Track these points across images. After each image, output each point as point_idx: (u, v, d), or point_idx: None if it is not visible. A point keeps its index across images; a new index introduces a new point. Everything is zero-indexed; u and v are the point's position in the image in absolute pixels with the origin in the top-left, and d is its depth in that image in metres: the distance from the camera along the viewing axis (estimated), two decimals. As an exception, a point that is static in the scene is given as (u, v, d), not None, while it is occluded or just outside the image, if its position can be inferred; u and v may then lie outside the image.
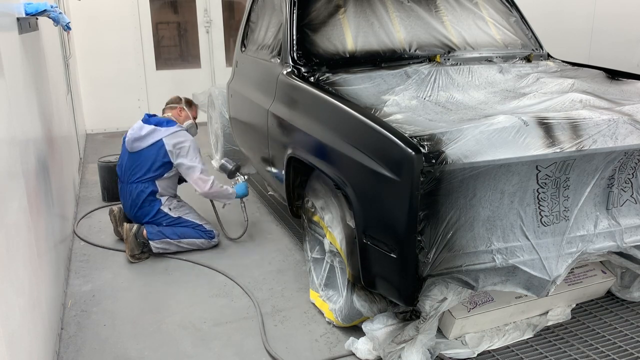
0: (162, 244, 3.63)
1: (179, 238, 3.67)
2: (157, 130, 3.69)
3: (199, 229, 3.74)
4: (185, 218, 3.75)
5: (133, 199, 3.70)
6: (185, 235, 3.68)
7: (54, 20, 3.00)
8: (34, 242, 2.32)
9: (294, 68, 3.15)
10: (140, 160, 3.69)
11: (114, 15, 6.84)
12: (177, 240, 3.66)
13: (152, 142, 3.66)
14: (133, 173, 3.70)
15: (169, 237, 3.64)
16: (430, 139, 2.10)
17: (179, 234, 3.68)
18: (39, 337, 2.23)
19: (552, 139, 2.18)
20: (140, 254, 3.63)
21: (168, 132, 3.69)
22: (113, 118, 7.12)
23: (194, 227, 3.73)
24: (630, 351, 2.58)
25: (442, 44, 3.37)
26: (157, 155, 3.66)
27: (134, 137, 3.70)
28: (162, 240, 3.63)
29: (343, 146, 2.44)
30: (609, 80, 3.14)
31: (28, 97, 2.70)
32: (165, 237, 3.63)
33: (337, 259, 2.79)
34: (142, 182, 3.67)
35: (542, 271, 2.27)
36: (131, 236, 3.58)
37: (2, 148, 1.89)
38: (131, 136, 3.71)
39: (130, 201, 3.72)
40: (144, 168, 3.67)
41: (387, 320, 2.52)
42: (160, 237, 3.63)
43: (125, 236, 3.59)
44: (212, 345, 2.73)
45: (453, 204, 2.11)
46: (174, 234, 3.66)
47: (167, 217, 3.72)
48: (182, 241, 3.67)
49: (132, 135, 3.71)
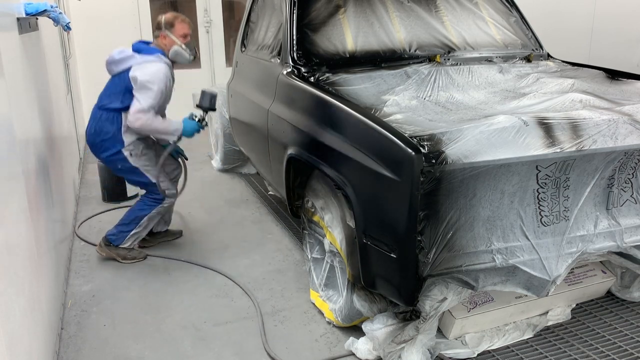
0: (130, 239, 3.54)
1: (139, 223, 3.51)
2: (133, 57, 3.32)
3: (150, 194, 3.51)
4: (142, 171, 3.45)
5: (96, 125, 3.37)
6: (140, 215, 3.50)
7: (54, 20, 3.00)
8: (34, 242, 2.32)
9: (294, 68, 3.15)
10: (111, 86, 3.39)
11: (114, 15, 6.84)
12: (138, 226, 3.51)
13: (122, 68, 3.32)
14: (103, 97, 3.40)
15: (130, 229, 3.50)
16: (430, 139, 2.10)
17: (134, 218, 3.51)
18: (39, 337, 2.23)
19: (552, 139, 2.18)
20: (129, 253, 3.56)
21: (139, 60, 3.31)
22: (113, 118, 7.11)
23: (146, 185, 3.49)
24: (630, 351, 2.58)
25: (442, 44, 3.37)
26: (124, 85, 3.29)
27: (110, 59, 3.37)
28: (128, 237, 3.52)
29: (343, 146, 2.44)
30: (609, 80, 3.14)
31: (28, 97, 2.70)
32: (127, 231, 3.51)
33: (337, 259, 2.79)
34: (108, 111, 3.34)
35: (542, 271, 2.27)
36: (106, 250, 3.56)
37: (2, 148, 1.89)
38: (109, 57, 3.38)
39: (94, 126, 3.39)
40: (112, 95, 3.35)
41: (387, 320, 2.52)
42: (123, 235, 3.52)
43: (104, 254, 3.56)
44: (212, 345, 2.73)
45: (453, 204, 2.11)
46: (131, 222, 3.51)
47: (124, 162, 3.41)
48: (143, 223, 3.52)
49: (110, 56, 3.38)
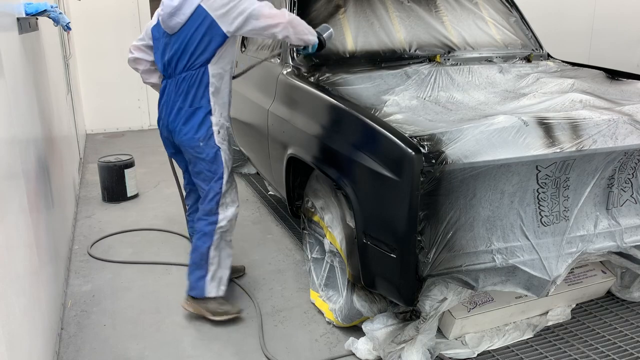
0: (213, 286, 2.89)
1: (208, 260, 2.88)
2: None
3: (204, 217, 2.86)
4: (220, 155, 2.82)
5: (183, 92, 2.76)
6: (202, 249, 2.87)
7: (54, 20, 3.00)
8: (34, 242, 2.32)
9: (294, 68, 3.15)
10: (183, 41, 2.72)
11: (114, 15, 6.84)
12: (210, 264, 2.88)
13: (189, 12, 2.67)
14: (179, 60, 2.75)
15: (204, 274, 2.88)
16: (430, 139, 2.10)
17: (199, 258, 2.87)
18: (39, 337, 2.23)
19: (552, 139, 2.18)
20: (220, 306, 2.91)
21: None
22: (113, 118, 7.12)
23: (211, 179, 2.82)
24: (630, 351, 2.58)
25: (442, 44, 3.37)
26: (201, 29, 2.68)
27: (168, 12, 2.72)
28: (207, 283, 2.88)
29: (343, 146, 2.44)
30: (609, 80, 3.14)
31: (28, 97, 2.70)
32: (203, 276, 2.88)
33: (337, 259, 2.79)
34: (192, 70, 2.74)
35: (542, 271, 2.27)
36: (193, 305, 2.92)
37: (2, 148, 1.89)
38: (165, 12, 2.74)
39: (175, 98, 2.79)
40: (189, 50, 2.71)
41: (387, 320, 2.52)
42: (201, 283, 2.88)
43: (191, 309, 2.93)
44: (212, 345, 2.73)
45: (453, 204, 2.11)
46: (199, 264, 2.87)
47: (210, 142, 2.79)
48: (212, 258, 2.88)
49: (165, 10, 2.74)
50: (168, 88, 2.84)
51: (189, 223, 3.29)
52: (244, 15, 2.65)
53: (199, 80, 2.73)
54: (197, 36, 2.68)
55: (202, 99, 2.76)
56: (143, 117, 7.26)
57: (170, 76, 2.82)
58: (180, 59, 2.74)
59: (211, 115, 2.78)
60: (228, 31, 2.67)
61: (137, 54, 2.98)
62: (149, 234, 4.03)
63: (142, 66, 3.01)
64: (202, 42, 2.69)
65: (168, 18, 2.72)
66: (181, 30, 2.72)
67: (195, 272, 2.90)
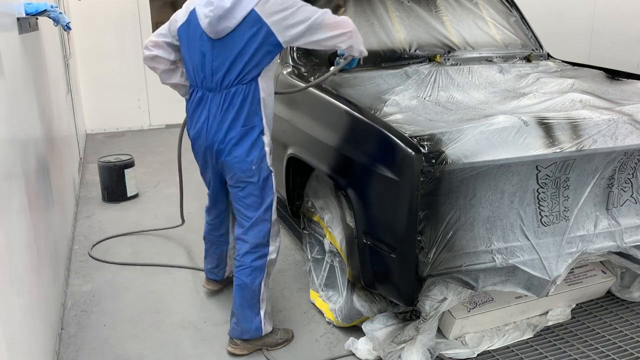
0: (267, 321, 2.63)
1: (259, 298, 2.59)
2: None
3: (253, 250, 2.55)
4: (271, 180, 2.54)
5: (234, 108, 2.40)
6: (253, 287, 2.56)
7: (54, 20, 3.00)
8: (34, 242, 2.32)
9: (294, 68, 3.15)
10: (233, 50, 2.35)
11: (114, 15, 6.84)
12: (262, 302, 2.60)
13: (241, 16, 2.31)
14: (228, 72, 2.38)
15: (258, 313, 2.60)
16: (430, 139, 2.10)
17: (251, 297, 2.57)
18: (39, 337, 2.23)
19: (552, 139, 2.18)
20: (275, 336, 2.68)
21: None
22: (113, 118, 7.12)
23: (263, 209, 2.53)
24: (630, 351, 2.58)
25: (442, 44, 3.37)
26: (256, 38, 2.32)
27: (218, 15, 2.31)
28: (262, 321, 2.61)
29: (343, 146, 2.44)
30: (609, 80, 3.14)
31: (28, 97, 2.70)
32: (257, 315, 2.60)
33: (337, 259, 2.79)
34: (243, 83, 2.39)
35: (542, 271, 2.27)
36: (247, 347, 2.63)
37: (2, 148, 1.89)
38: (215, 14, 2.32)
39: (223, 115, 2.42)
40: (241, 61, 2.35)
41: (387, 320, 2.52)
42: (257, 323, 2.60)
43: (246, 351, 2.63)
44: (212, 345, 2.73)
45: (453, 204, 2.11)
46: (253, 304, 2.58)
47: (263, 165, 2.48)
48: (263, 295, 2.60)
49: (215, 12, 2.31)
50: (209, 102, 2.46)
51: (212, 238, 2.98)
52: (305, 24, 2.32)
53: (252, 95, 2.39)
54: (251, 46, 2.32)
55: (255, 116, 2.42)
56: (143, 117, 7.26)
57: (213, 90, 2.43)
58: (230, 71, 2.36)
59: (263, 135, 2.46)
60: (284, 41, 2.35)
61: (156, 52, 2.61)
62: (149, 237, 4.03)
63: (162, 65, 2.65)
64: (258, 54, 2.34)
65: (217, 21, 2.32)
66: (229, 36, 2.34)
67: (246, 312, 2.57)
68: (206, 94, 2.47)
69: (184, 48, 2.52)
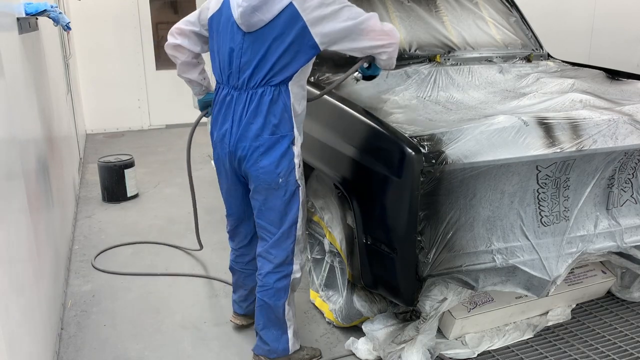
0: (294, 340, 2.49)
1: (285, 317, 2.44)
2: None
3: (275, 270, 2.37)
4: (299, 194, 2.32)
5: (261, 113, 2.19)
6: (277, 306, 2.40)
7: (54, 20, 3.00)
8: (34, 242, 2.32)
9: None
10: (262, 46, 2.14)
11: (114, 15, 6.84)
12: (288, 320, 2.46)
13: (278, 9, 2.09)
14: (255, 70, 2.17)
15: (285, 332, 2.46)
16: (430, 139, 2.10)
17: (275, 317, 2.43)
18: (39, 337, 2.23)
19: (552, 139, 2.18)
20: (302, 352, 2.54)
21: None
22: (113, 118, 7.12)
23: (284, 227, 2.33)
24: (630, 351, 2.58)
25: (442, 44, 3.37)
26: (288, 34, 2.10)
27: (252, 5, 2.09)
28: (290, 340, 2.47)
29: (343, 146, 2.44)
30: (609, 80, 3.14)
31: (28, 97, 2.70)
32: (284, 333, 2.46)
33: (337, 259, 2.79)
34: (270, 85, 2.18)
35: (542, 271, 2.27)
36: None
37: (2, 148, 1.89)
38: (248, 4, 2.10)
39: (248, 119, 2.21)
40: (270, 59, 2.14)
41: (387, 320, 2.52)
42: (284, 343, 2.46)
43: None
44: (212, 345, 2.73)
45: (453, 204, 2.11)
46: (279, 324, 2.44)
47: (291, 179, 2.28)
48: (289, 314, 2.45)
49: (250, 2, 2.10)
50: (234, 103, 2.25)
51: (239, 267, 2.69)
52: (347, 27, 2.10)
53: (281, 100, 2.19)
54: (281, 43, 2.11)
55: (287, 124, 2.21)
56: (143, 117, 7.26)
57: (239, 88, 2.22)
58: (258, 70, 2.16)
59: (294, 145, 2.25)
60: (321, 42, 2.12)
61: (180, 41, 2.40)
62: (149, 237, 4.03)
63: (183, 56, 2.42)
64: (288, 53, 2.12)
65: (250, 12, 2.09)
66: (260, 30, 2.12)
67: (271, 332, 2.44)
68: (232, 92, 2.25)
69: (213, 40, 2.32)
